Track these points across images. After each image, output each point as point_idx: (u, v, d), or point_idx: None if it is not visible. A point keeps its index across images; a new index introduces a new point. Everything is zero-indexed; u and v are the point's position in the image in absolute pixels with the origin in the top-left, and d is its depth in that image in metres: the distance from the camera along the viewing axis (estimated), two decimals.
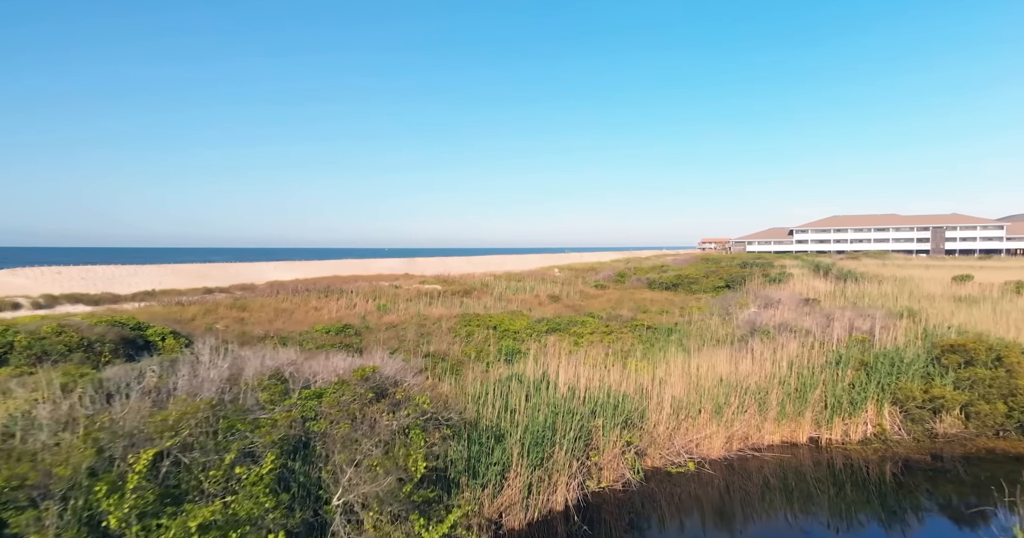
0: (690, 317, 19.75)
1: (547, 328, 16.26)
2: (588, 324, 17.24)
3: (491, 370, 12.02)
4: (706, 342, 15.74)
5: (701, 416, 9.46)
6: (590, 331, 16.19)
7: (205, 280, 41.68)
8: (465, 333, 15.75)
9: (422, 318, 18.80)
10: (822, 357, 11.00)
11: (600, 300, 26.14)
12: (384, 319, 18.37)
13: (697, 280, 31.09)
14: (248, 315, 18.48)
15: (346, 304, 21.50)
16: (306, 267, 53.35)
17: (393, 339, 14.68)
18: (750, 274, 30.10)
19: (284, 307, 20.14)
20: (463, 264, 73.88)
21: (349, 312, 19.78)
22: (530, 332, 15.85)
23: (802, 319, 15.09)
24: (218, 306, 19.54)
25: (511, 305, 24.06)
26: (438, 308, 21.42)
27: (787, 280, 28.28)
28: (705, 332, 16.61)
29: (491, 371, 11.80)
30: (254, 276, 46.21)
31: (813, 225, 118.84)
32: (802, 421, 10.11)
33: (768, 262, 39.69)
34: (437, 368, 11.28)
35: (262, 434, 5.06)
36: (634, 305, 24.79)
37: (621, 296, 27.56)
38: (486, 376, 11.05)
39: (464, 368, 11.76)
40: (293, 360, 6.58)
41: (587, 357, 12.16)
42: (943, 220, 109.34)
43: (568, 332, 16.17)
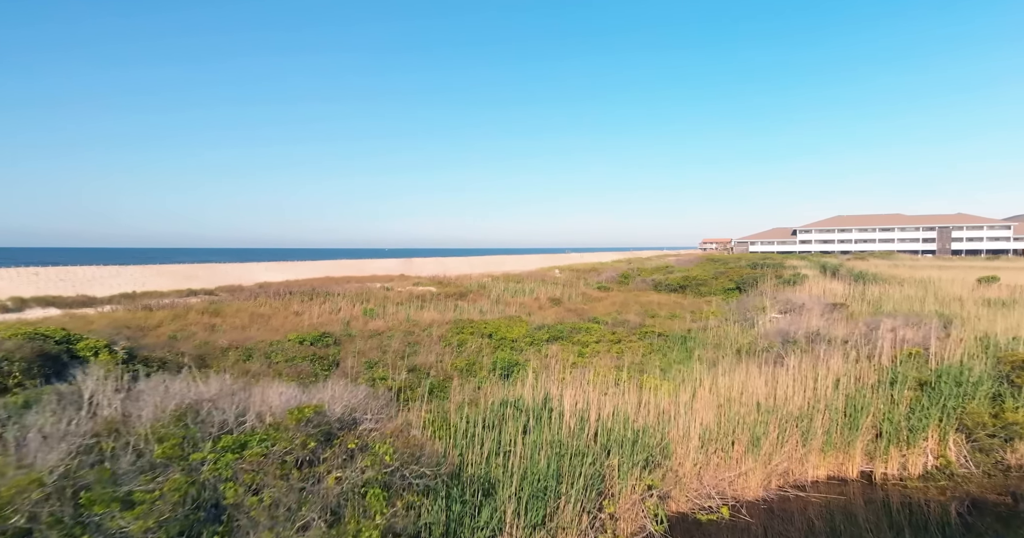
0: (705, 323, 18.15)
1: (548, 336, 14.66)
2: (593, 331, 15.65)
3: (484, 388, 10.43)
4: (726, 352, 14.15)
5: (735, 449, 7.87)
6: (596, 339, 14.60)
7: (191, 281, 40.06)
8: (457, 342, 14.15)
9: (411, 324, 17.19)
10: (872, 374, 9.40)
11: (604, 303, 24.53)
12: (369, 325, 16.77)
13: (706, 282, 29.48)
14: (220, 321, 16.88)
15: (331, 308, 19.90)
16: (299, 268, 51.69)
17: (375, 350, 13.08)
18: (762, 275, 28.48)
19: (262, 312, 18.54)
20: (461, 265, 72.17)
21: (332, 317, 18.17)
22: (529, 341, 14.25)
23: (834, 327, 13.49)
24: (190, 311, 17.94)
25: (509, 309, 22.46)
26: (430, 312, 19.82)
27: (802, 282, 26.68)
28: (724, 341, 15.01)
29: (484, 389, 10.22)
30: (244, 277, 44.56)
31: (817, 225, 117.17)
32: (852, 452, 8.51)
33: (778, 263, 37.99)
34: (420, 388, 9.69)
35: (138, 515, 3.45)
36: (641, 309, 23.19)
37: (626, 299, 25.95)
38: (477, 397, 9.46)
39: (452, 387, 10.16)
40: (216, 394, 4.97)
41: (595, 373, 10.56)
42: (949, 220, 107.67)
43: (571, 341, 14.57)
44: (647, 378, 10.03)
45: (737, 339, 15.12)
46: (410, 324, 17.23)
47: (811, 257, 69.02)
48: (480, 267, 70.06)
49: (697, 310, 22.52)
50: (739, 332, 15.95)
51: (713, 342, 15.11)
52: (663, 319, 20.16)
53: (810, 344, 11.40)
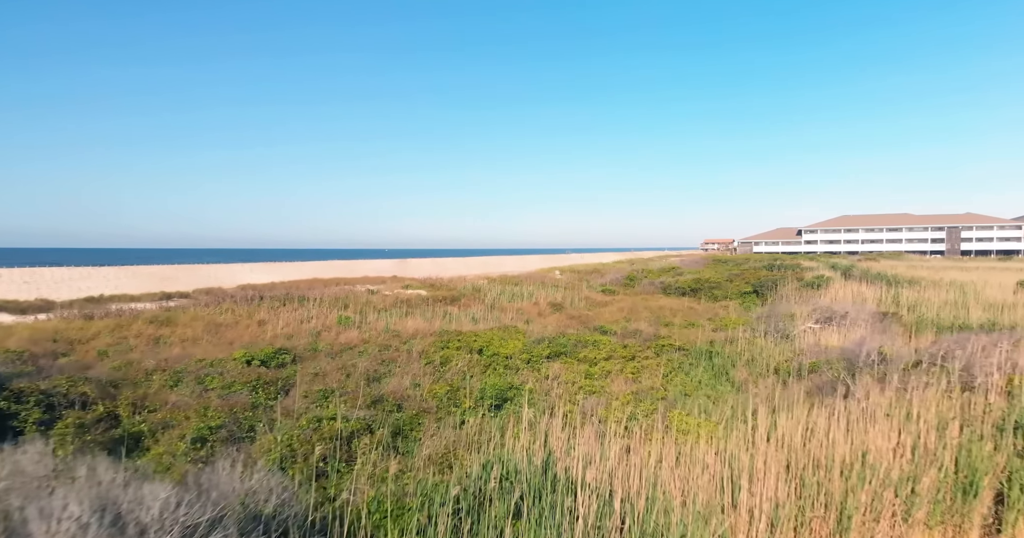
0: (728, 333, 15.83)
1: (549, 351, 12.35)
2: (601, 345, 13.35)
3: (469, 423, 8.14)
4: (762, 372, 11.85)
5: (813, 532, 5.57)
6: (605, 355, 12.30)
7: (168, 283, 37.74)
8: (440, 359, 11.85)
9: (391, 335, 14.88)
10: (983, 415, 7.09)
11: (610, 309, 22.23)
12: (342, 337, 14.46)
13: (719, 284, 27.17)
14: (170, 332, 14.57)
15: (303, 316, 17.60)
16: (288, 269, 49.35)
17: (339, 371, 10.76)
18: (781, 278, 26.17)
19: (222, 321, 16.23)
20: (459, 265, 69.79)
21: (302, 327, 15.87)
22: (526, 358, 11.94)
23: (892, 342, 11.18)
24: (137, 319, 15.63)
25: (505, 315, 20.17)
26: (415, 321, 17.51)
27: (827, 285, 24.39)
28: (758, 357, 12.71)
29: (468, 428, 7.92)
30: (226, 279, 42.21)
31: (823, 225, 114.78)
32: (968, 526, 6.20)
33: (794, 264, 35.65)
34: (382, 429, 7.37)
35: None
36: (651, 315, 20.89)
37: (634, 303, 23.64)
38: (457, 441, 7.16)
39: (424, 429, 7.86)
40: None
41: (611, 409, 8.26)
42: (958, 220, 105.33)
43: (576, 357, 12.27)
44: (679, 415, 7.72)
45: (772, 355, 12.83)
46: (389, 335, 14.92)
47: (820, 258, 66.71)
48: (477, 268, 67.65)
49: (715, 317, 20.22)
50: (772, 346, 13.65)
51: (743, 358, 12.82)
52: (679, 328, 17.86)
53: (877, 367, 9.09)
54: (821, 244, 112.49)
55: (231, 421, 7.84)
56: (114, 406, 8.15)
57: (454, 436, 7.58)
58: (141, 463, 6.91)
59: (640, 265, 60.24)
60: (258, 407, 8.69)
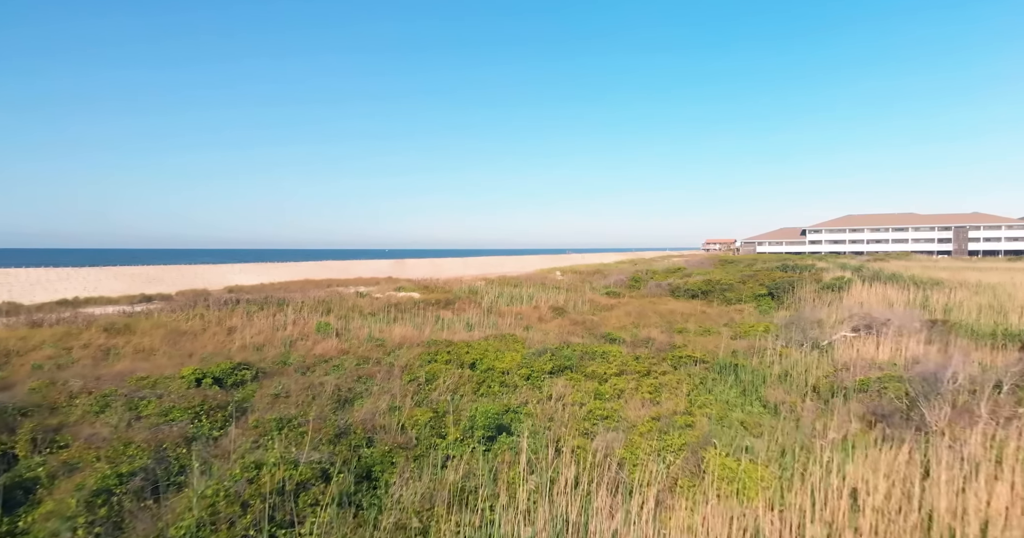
0: (751, 343, 14.21)
1: (552, 366, 10.73)
2: (611, 357, 11.75)
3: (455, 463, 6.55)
4: (798, 390, 10.23)
5: None
6: (616, 370, 10.68)
7: (152, 285, 36.14)
8: (426, 375, 10.24)
9: (373, 345, 13.27)
10: None
11: (617, 313, 20.61)
12: (318, 348, 12.84)
13: (732, 286, 25.53)
14: (124, 341, 12.96)
15: (280, 322, 15.98)
16: (280, 270, 47.72)
17: (305, 391, 9.15)
18: (798, 280, 24.55)
19: (188, 328, 14.60)
20: (457, 266, 68.11)
21: (276, 335, 14.24)
22: (526, 373, 10.33)
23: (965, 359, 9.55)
24: (91, 326, 14.00)
25: (503, 321, 18.56)
26: (403, 327, 15.89)
27: (848, 287, 22.75)
28: (792, 373, 11.09)
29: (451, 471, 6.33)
30: (214, 280, 40.61)
31: (827, 225, 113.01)
32: None
33: (809, 264, 34.00)
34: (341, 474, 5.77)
35: None
36: (661, 320, 19.27)
37: (642, 307, 22.02)
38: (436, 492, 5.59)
39: (398, 470, 6.28)
40: None
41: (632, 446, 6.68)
42: (964, 219, 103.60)
43: (584, 372, 10.66)
44: (718, 458, 6.12)
45: (807, 369, 11.20)
46: (372, 345, 13.31)
47: (828, 258, 65.07)
48: (476, 268, 65.91)
49: (731, 322, 18.60)
50: (805, 358, 12.03)
51: (774, 373, 11.20)
52: (694, 335, 16.24)
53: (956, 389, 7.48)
54: (826, 244, 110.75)
55: (156, 462, 6.25)
56: (12, 441, 6.55)
57: (434, 483, 5.97)
58: (23, 524, 5.33)
59: (643, 266, 58.59)
60: (197, 440, 7.08)
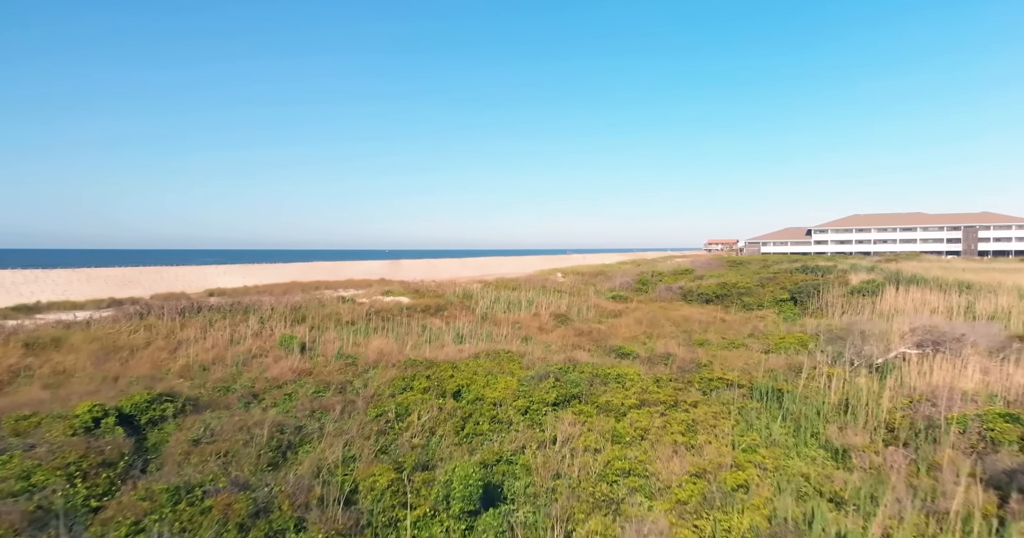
0: (787, 359, 12.10)
1: (555, 394, 8.64)
2: (627, 380, 9.66)
3: None
4: (866, 427, 8.13)
5: None
6: (635, 400, 8.60)
7: (127, 288, 34.04)
8: (398, 408, 8.15)
9: (342, 364, 11.18)
10: None
11: (626, 321, 18.51)
12: (275, 368, 10.75)
13: (750, 290, 23.43)
14: (45, 360, 10.87)
15: (242, 333, 13.88)
16: (268, 271, 45.59)
17: (239, 432, 7.05)
18: (825, 283, 22.42)
19: (128, 342, 12.51)
20: (455, 266, 65.90)
21: (229, 351, 12.14)
22: (523, 404, 8.24)
23: None
24: (9, 341, 11.90)
25: (499, 329, 16.48)
26: (382, 339, 13.80)
27: (880, 292, 20.63)
28: (853, 402, 8.98)
29: None
30: (196, 282, 38.50)
31: (833, 225, 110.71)
32: None
33: (828, 266, 31.84)
34: None
35: None
36: (677, 329, 17.18)
37: (652, 313, 19.93)
38: None
39: None
40: None
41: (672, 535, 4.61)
42: (974, 219, 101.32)
43: (595, 402, 8.58)
44: None
45: (869, 397, 9.10)
46: (341, 364, 11.22)
47: (839, 258, 62.94)
48: (474, 269, 63.72)
49: (756, 332, 16.49)
50: (863, 382, 9.92)
51: (830, 402, 9.11)
52: (717, 349, 14.15)
53: None
54: (832, 244, 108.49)
55: None
56: None
57: None
58: None
59: (647, 267, 56.42)
60: (59, 518, 5.01)
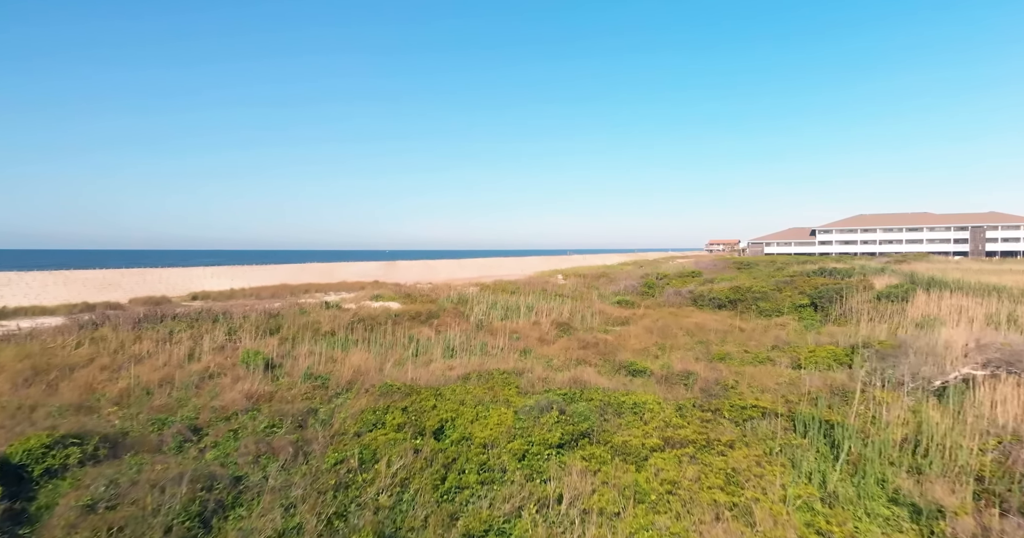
0: (825, 378, 10.50)
1: (559, 432, 7.04)
2: (645, 410, 8.07)
3: None
4: (947, 476, 6.53)
5: None
6: (657, 438, 7.00)
7: (105, 291, 32.44)
8: (363, 452, 6.55)
9: (309, 387, 9.58)
10: None
11: (635, 330, 16.92)
12: (228, 393, 9.14)
13: (766, 295, 21.82)
14: None
15: (206, 347, 12.29)
16: (258, 273, 43.96)
17: (152, 488, 5.45)
18: (848, 287, 20.81)
19: (66, 360, 10.90)
20: (453, 267, 64.26)
21: (185, 369, 10.54)
22: (520, 447, 6.65)
23: None
24: None
25: (495, 340, 14.89)
26: (363, 353, 12.21)
27: (912, 298, 19.03)
28: (923, 440, 7.38)
29: None
30: (181, 285, 36.89)
31: (838, 225, 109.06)
32: None
33: (848, 269, 30.23)
34: None
35: None
36: (691, 340, 15.58)
37: (663, 321, 18.33)
38: None
39: None
40: None
41: None
42: (981, 219, 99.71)
43: (608, 442, 6.99)
44: None
45: (942, 432, 7.50)
46: (308, 387, 9.62)
47: (846, 259, 61.41)
48: (472, 270, 62.09)
49: (781, 344, 14.88)
50: (923, 408, 8.32)
51: (893, 439, 7.51)
52: (740, 364, 12.54)
53: None
54: (836, 245, 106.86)
55: None
56: None
57: None
58: None
59: (650, 268, 54.80)
60: None
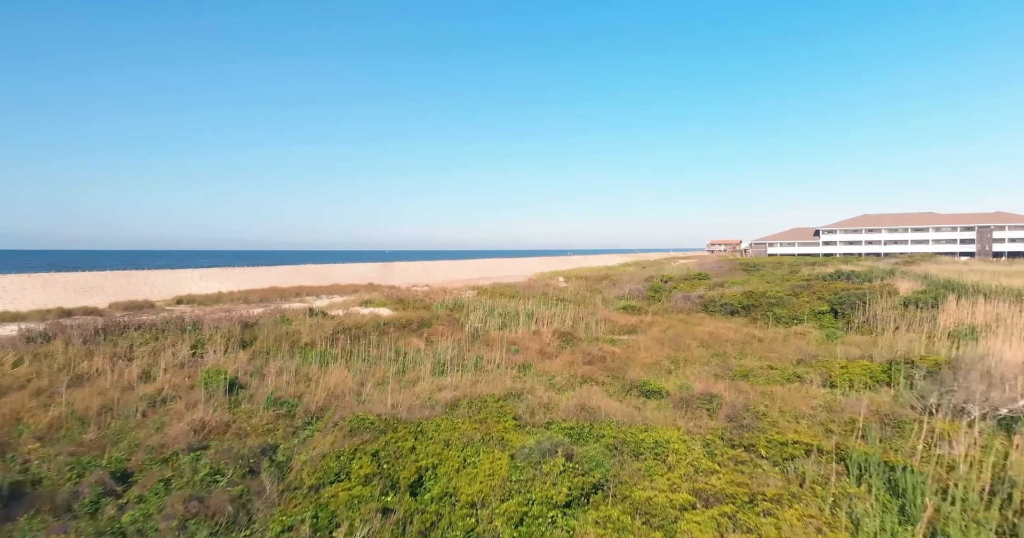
0: (867, 402, 9.14)
1: (566, 485, 5.66)
2: (668, 451, 6.70)
3: None
4: None
5: None
6: (687, 495, 5.62)
7: (85, 295, 31.01)
8: (320, 514, 5.18)
9: (272, 416, 8.22)
10: None
11: (644, 340, 15.55)
12: (175, 425, 7.76)
13: (781, 300, 20.44)
14: None
15: (166, 363, 10.92)
16: (248, 275, 42.62)
17: None
18: (871, 293, 19.42)
19: None
20: (450, 269, 62.85)
21: (135, 391, 9.17)
22: (518, 512, 5.27)
23: None
24: None
25: (492, 353, 13.53)
26: (340, 371, 10.84)
27: (942, 304, 17.66)
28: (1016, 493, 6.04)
29: None
30: (166, 288, 35.53)
31: (842, 225, 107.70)
32: None
33: (867, 272, 28.74)
34: None
35: None
36: (708, 353, 14.22)
37: (674, 330, 16.97)
38: None
39: None
40: None
41: None
42: (987, 219, 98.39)
43: (626, 496, 5.63)
44: None
45: None
46: (271, 415, 8.26)
47: (853, 260, 60.07)
48: (471, 271, 60.71)
49: (805, 356, 13.50)
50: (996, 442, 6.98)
51: (973, 489, 6.18)
52: (765, 382, 11.17)
53: None
54: (840, 245, 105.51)
55: None
56: None
57: None
58: None
59: (653, 269, 53.42)
60: None
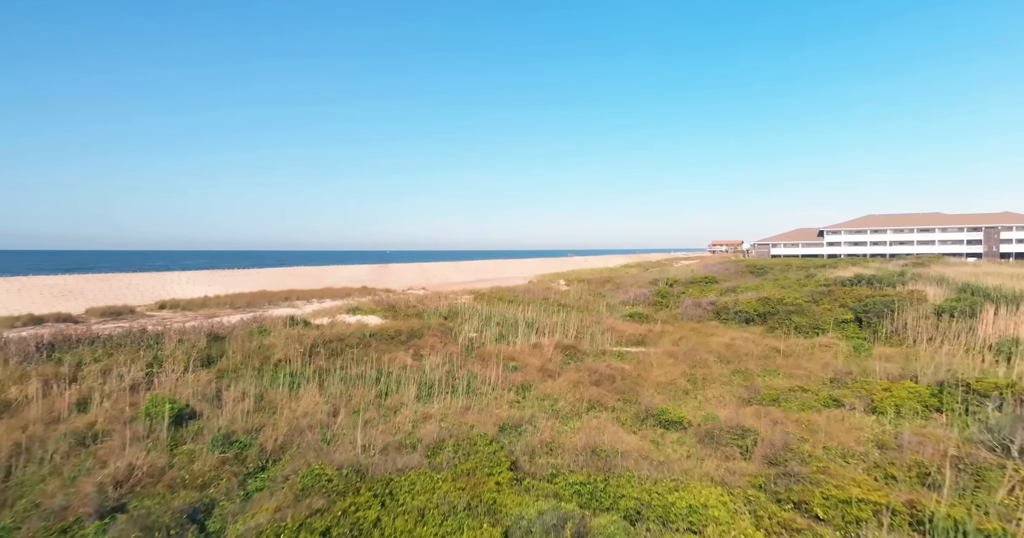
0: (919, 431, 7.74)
1: None
2: (707, 520, 5.28)
3: None
4: None
5: None
6: None
7: (62, 300, 29.63)
8: None
9: (218, 461, 6.80)
10: None
11: (656, 354, 14.12)
12: (97, 473, 6.35)
13: (801, 308, 19.00)
14: None
15: (110, 388, 9.51)
16: (238, 278, 41.21)
17: None
18: (898, 300, 17.94)
19: None
20: (448, 270, 61.32)
21: (66, 424, 7.77)
22: None
23: None
24: None
25: (487, 370, 12.11)
26: (312, 395, 9.42)
27: (979, 314, 16.23)
28: None
29: None
30: (149, 292, 34.11)
31: (846, 225, 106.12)
32: None
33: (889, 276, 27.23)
34: None
35: None
36: (728, 370, 12.79)
37: (688, 341, 15.55)
38: None
39: None
40: None
41: None
42: (995, 219, 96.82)
43: None
44: None
45: None
46: (217, 459, 6.84)
47: (862, 261, 58.57)
48: (469, 274, 59.11)
49: (837, 375, 12.08)
50: None
51: None
52: (799, 408, 9.74)
53: None
54: (845, 246, 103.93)
55: None
56: None
57: None
58: None
59: (657, 272, 51.98)
60: None
